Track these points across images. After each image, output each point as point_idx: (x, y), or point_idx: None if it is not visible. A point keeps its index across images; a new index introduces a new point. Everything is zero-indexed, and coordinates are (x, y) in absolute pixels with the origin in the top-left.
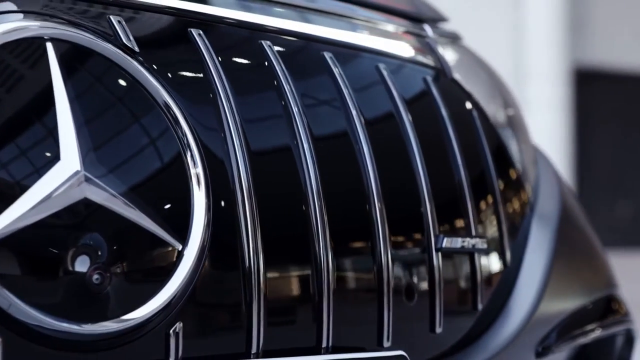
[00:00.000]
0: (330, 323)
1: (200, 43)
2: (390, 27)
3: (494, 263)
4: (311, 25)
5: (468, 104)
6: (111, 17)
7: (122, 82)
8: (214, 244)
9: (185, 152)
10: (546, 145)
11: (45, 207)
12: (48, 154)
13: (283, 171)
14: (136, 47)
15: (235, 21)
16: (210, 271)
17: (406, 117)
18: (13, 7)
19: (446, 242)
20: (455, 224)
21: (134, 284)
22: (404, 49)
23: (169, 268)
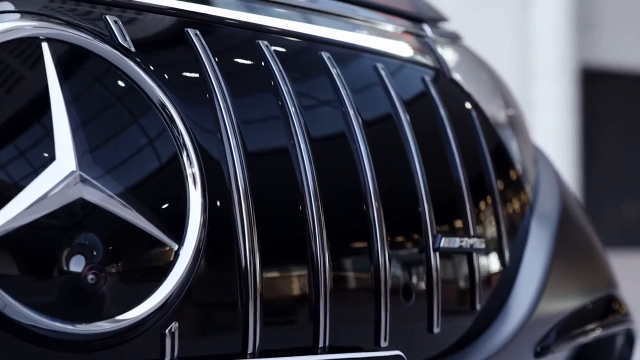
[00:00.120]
0: (327, 323)
1: (196, 43)
2: (388, 27)
3: (493, 263)
4: (309, 25)
5: (467, 104)
6: (107, 17)
7: (118, 82)
8: (210, 244)
9: (181, 152)
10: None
11: (40, 207)
12: (43, 154)
13: (280, 171)
14: (132, 47)
15: (232, 21)
16: (206, 271)
17: (404, 117)
18: (10, 7)
19: (444, 242)
20: (453, 224)
21: (130, 284)
22: (403, 49)
23: (165, 268)
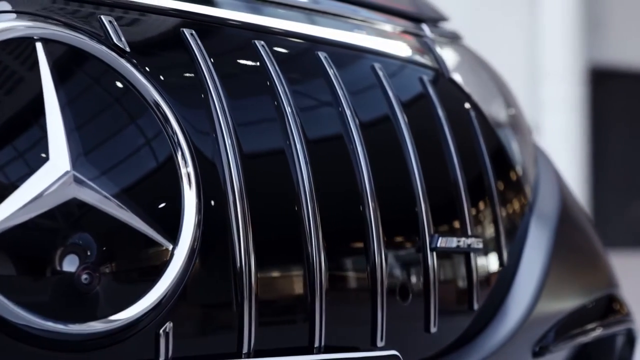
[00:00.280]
0: (322, 323)
1: (192, 43)
2: (387, 27)
3: (491, 263)
4: (306, 25)
5: (466, 104)
6: (102, 17)
7: (113, 83)
8: (205, 244)
9: (175, 152)
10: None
11: (34, 207)
12: (37, 154)
13: (275, 171)
14: (127, 47)
15: (228, 21)
16: (200, 271)
17: (401, 117)
18: (6, 7)
19: (441, 242)
20: (450, 224)
21: (124, 284)
22: (401, 49)
23: (159, 268)
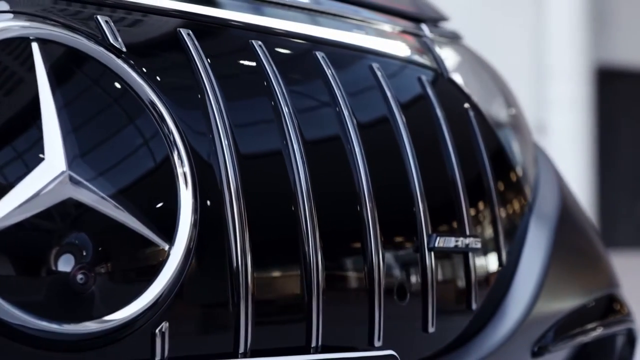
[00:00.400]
0: (319, 322)
1: (189, 43)
2: (385, 27)
3: (489, 263)
4: (303, 24)
5: (465, 104)
6: (98, 17)
7: (109, 82)
8: (201, 244)
9: (172, 151)
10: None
11: (29, 207)
12: (33, 154)
13: (272, 171)
14: (123, 47)
15: (225, 21)
16: (197, 271)
17: (399, 117)
18: (4, 8)
19: (439, 242)
20: (448, 224)
21: (120, 284)
22: (399, 49)
23: (156, 268)
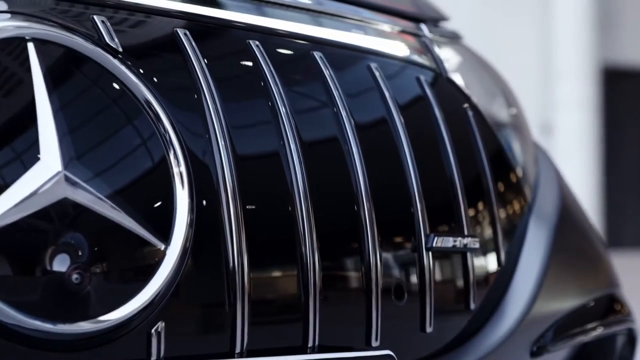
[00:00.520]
0: (316, 322)
1: (185, 43)
2: (384, 27)
3: (488, 262)
4: (301, 24)
5: (464, 104)
6: (95, 18)
7: (105, 82)
8: (197, 244)
9: (168, 151)
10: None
11: (25, 207)
12: (28, 154)
13: (269, 171)
14: (120, 47)
15: (222, 20)
16: (193, 271)
17: (397, 118)
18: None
19: (437, 242)
20: (446, 224)
21: (115, 284)
22: (398, 49)
23: (151, 268)
